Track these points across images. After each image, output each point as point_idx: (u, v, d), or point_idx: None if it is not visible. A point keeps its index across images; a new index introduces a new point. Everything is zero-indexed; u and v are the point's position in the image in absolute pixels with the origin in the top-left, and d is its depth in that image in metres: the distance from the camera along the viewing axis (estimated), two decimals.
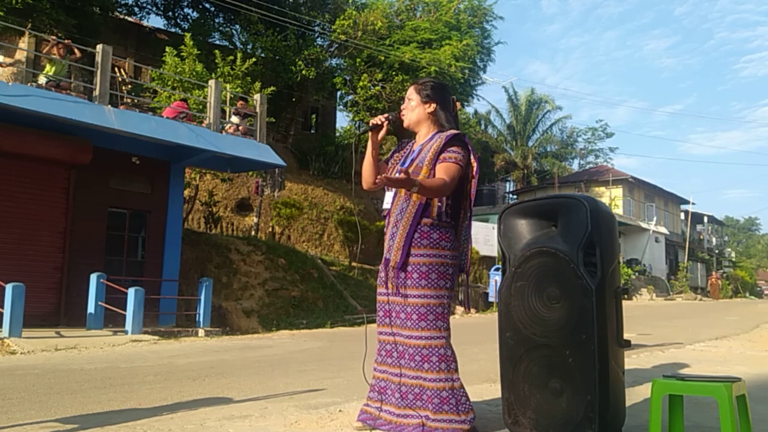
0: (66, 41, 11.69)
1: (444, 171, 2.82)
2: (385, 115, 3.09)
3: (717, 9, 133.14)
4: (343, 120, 51.36)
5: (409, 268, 2.85)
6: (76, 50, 11.59)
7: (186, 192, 14.84)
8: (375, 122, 3.04)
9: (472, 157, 2.93)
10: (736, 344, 7.86)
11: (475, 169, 2.95)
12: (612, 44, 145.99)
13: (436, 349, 2.80)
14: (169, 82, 16.00)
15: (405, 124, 3.09)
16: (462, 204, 2.98)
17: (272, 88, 17.41)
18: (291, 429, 3.19)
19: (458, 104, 3.17)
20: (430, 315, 2.82)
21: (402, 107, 3.11)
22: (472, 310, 17.40)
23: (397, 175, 2.79)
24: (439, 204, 2.87)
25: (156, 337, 9.64)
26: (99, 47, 10.89)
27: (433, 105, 3.02)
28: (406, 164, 2.97)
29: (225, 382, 5.13)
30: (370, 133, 3.06)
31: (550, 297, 2.70)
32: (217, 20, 22.34)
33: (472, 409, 2.83)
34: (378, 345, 3.02)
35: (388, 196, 3.03)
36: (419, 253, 2.84)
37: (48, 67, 11.20)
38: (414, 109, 3.04)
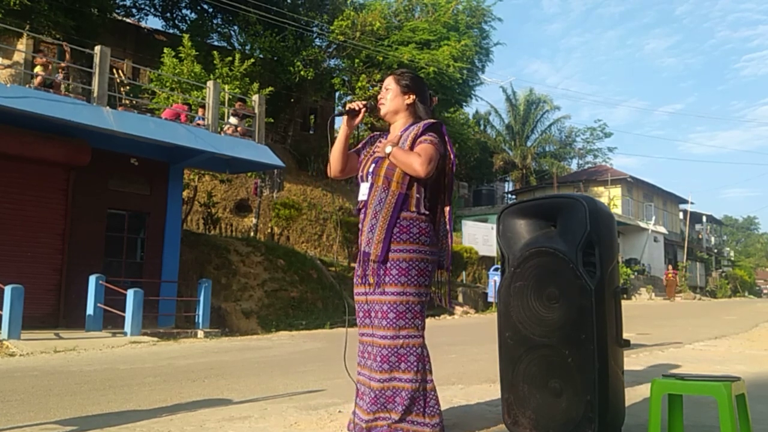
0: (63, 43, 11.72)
1: (419, 149, 2.73)
2: (363, 102, 2.97)
3: (718, 8, 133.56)
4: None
5: (389, 264, 2.71)
6: (66, 53, 11.60)
7: (185, 193, 14.84)
8: (352, 107, 2.93)
9: (448, 148, 2.84)
10: (736, 343, 7.86)
11: (452, 161, 2.86)
12: (613, 44, 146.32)
13: (414, 349, 2.69)
14: (168, 84, 16.00)
15: (381, 113, 2.97)
16: (439, 198, 2.88)
17: (270, 88, 17.42)
18: (291, 430, 3.19)
19: (434, 99, 3.07)
20: (409, 313, 2.70)
21: (379, 96, 2.99)
22: (471, 310, 17.40)
23: (387, 149, 2.80)
24: (418, 195, 2.76)
25: (155, 339, 9.63)
26: (97, 48, 10.88)
27: (412, 96, 2.92)
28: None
29: (224, 384, 5.13)
30: (345, 119, 2.96)
31: (549, 297, 2.70)
32: (215, 21, 22.34)
33: (439, 413, 2.71)
34: (360, 347, 2.88)
35: (364, 187, 2.87)
36: (399, 248, 2.71)
37: (39, 68, 11.17)
38: (393, 99, 2.93)
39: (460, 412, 3.52)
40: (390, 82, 2.97)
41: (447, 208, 2.89)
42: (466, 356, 6.97)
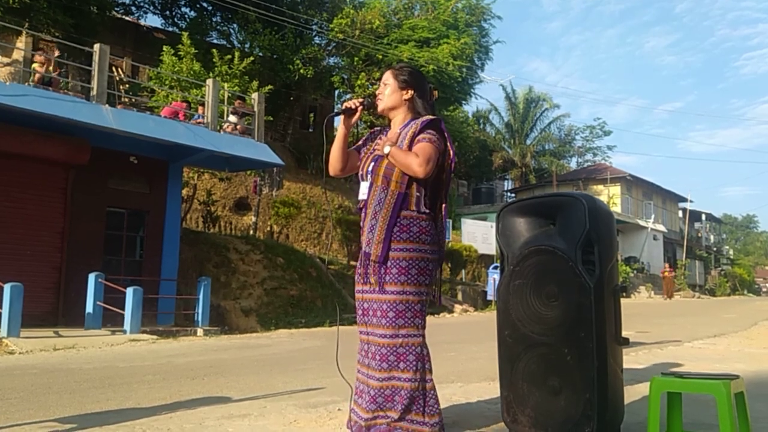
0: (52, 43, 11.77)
1: (417, 149, 2.70)
2: (360, 99, 2.94)
3: (718, 6, 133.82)
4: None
5: (389, 263, 2.69)
6: (56, 50, 11.62)
7: (184, 191, 14.83)
8: (349, 106, 2.90)
9: (448, 144, 2.81)
10: (735, 342, 7.87)
11: (451, 157, 2.83)
12: (612, 42, 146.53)
13: (414, 348, 2.67)
14: (167, 82, 15.99)
15: (379, 109, 2.94)
16: (439, 194, 2.85)
17: (270, 86, 17.41)
18: (290, 428, 3.19)
19: (435, 93, 3.03)
20: (409, 312, 2.68)
21: (377, 92, 2.96)
22: (471, 308, 17.41)
23: (386, 149, 2.76)
24: (418, 194, 2.74)
25: (154, 337, 9.63)
26: (96, 46, 10.87)
27: (411, 91, 2.88)
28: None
29: (224, 382, 5.13)
30: (342, 118, 2.92)
31: (548, 295, 2.70)
32: (214, 19, 22.34)
33: (439, 412, 2.70)
34: (359, 345, 2.86)
35: (364, 186, 2.85)
36: (399, 248, 2.70)
37: (37, 65, 11.16)
38: (390, 94, 2.89)
39: (460, 410, 3.53)
40: (388, 77, 2.93)
41: (444, 205, 2.87)
42: (466, 354, 6.98)
